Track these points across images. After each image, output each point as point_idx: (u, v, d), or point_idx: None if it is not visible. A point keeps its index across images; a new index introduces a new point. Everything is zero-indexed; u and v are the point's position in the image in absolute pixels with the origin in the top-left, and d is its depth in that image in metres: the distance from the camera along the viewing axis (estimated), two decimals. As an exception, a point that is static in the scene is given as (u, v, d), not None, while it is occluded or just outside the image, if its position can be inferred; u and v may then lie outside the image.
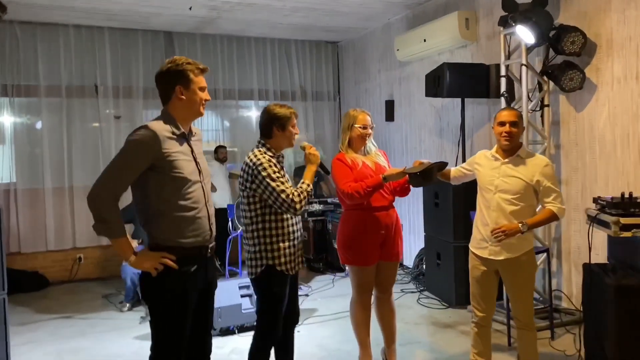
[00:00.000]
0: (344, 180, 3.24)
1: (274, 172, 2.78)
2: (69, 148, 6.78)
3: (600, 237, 4.31)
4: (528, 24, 4.19)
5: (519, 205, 3.02)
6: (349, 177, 3.25)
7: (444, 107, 6.06)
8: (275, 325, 2.91)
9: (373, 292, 3.53)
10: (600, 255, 4.36)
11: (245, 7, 6.07)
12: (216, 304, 4.30)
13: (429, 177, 3.19)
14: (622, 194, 3.10)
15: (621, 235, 2.95)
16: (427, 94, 5.36)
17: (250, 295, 4.48)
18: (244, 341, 4.29)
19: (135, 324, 4.89)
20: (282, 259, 2.89)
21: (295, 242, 2.96)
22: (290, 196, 2.75)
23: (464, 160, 5.17)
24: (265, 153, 2.87)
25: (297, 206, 2.76)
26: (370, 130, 3.43)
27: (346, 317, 4.78)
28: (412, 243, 6.50)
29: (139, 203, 2.42)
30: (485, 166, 3.19)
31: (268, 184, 2.76)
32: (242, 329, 4.48)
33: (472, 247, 3.24)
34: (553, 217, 3.03)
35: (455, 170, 3.43)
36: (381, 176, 3.23)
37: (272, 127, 2.92)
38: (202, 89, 2.47)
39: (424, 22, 6.10)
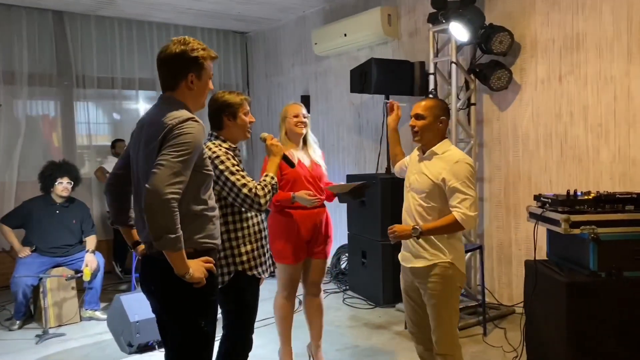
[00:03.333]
0: None
1: (233, 165, 2.51)
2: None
3: (525, 233, 4.46)
4: (463, 21, 4.19)
5: (426, 205, 2.65)
6: None
7: (364, 104, 5.98)
8: (250, 341, 2.62)
9: (303, 291, 3.57)
10: (523, 251, 4.51)
11: (154, -13, 5.55)
12: (133, 318, 3.90)
13: (358, 195, 3.46)
14: (568, 192, 3.15)
15: (571, 233, 2.98)
16: (353, 90, 5.23)
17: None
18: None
19: (30, 345, 4.22)
20: (252, 262, 2.63)
21: (263, 242, 2.71)
22: (254, 190, 2.46)
23: (387, 159, 5.13)
24: (220, 145, 2.59)
25: (262, 201, 2.47)
26: (303, 119, 3.39)
27: (272, 324, 4.54)
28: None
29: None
30: (412, 162, 2.88)
31: (227, 178, 2.47)
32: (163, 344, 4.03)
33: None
34: (455, 225, 2.55)
35: (400, 163, 3.14)
36: (291, 195, 3.21)
37: (222, 117, 2.64)
38: (210, 78, 2.27)
39: (341, 17, 5.98)
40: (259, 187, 2.49)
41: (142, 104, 7.17)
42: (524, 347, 3.44)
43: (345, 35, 5.79)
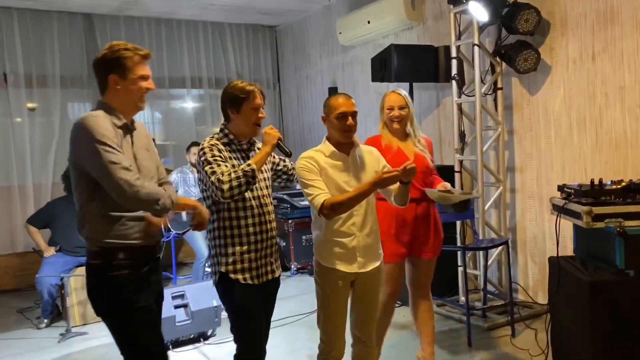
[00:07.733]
0: None
1: (212, 156, 2.36)
2: (-25, 145, 6.01)
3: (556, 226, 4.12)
4: (481, 0, 3.90)
5: (372, 196, 2.58)
6: None
7: (390, 93, 5.75)
8: (251, 347, 2.45)
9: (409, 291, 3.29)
10: (556, 245, 4.17)
11: (173, -16, 5.52)
12: (147, 317, 3.86)
13: (462, 207, 3.12)
14: (592, 181, 2.85)
15: (594, 227, 2.69)
16: (374, 79, 5.00)
17: (185, 306, 3.98)
18: (180, 358, 3.84)
19: (53, 343, 4.29)
20: (238, 266, 2.43)
21: (259, 246, 2.47)
22: (219, 176, 2.29)
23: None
24: (218, 139, 2.46)
25: (224, 187, 2.27)
26: (398, 112, 3.06)
27: (288, 324, 4.40)
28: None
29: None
30: (330, 167, 2.53)
31: (204, 169, 2.35)
32: (177, 344, 3.99)
33: (336, 265, 2.54)
34: None
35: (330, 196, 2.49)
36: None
37: (226, 109, 2.49)
38: (143, 77, 2.20)
39: (366, 4, 5.75)
40: (226, 172, 2.30)
41: (171, 103, 7.22)
42: (549, 349, 3.17)
43: (368, 22, 5.57)
